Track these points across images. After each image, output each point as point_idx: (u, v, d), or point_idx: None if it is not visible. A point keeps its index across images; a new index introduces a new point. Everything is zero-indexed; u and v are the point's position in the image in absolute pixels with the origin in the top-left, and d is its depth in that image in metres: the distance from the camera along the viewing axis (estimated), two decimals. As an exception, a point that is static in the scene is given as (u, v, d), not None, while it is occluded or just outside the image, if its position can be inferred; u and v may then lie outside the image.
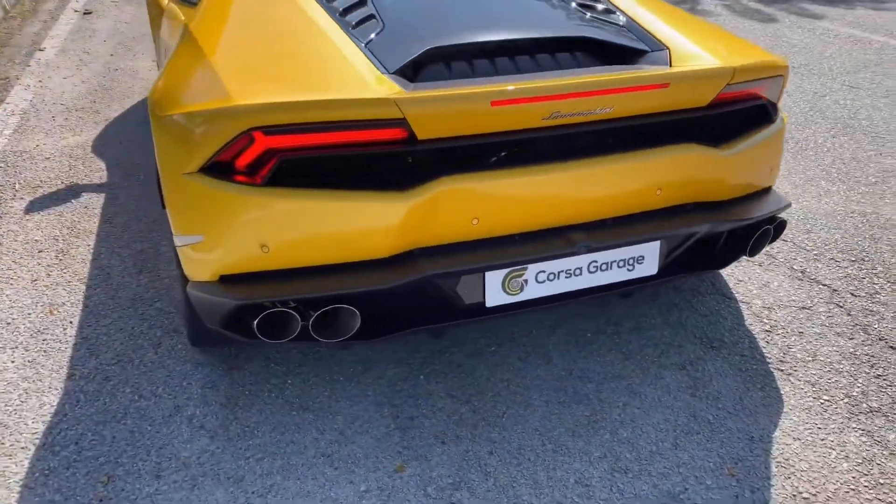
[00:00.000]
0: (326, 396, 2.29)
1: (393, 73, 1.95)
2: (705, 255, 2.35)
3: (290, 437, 2.14)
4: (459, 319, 2.06)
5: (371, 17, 2.23)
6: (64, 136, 4.47)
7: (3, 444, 2.12)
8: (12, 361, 2.45)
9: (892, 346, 2.53)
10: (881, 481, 2.00)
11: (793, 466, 2.04)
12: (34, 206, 3.55)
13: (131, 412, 2.24)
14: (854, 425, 2.19)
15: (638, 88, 1.97)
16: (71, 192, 3.70)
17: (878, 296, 2.81)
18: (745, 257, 2.51)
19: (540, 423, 2.19)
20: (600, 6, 2.48)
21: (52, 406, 2.26)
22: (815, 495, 1.95)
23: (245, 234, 1.86)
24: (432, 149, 1.88)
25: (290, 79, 1.91)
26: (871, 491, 1.97)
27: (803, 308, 2.73)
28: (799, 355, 2.48)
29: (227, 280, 1.94)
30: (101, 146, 4.31)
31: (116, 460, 2.06)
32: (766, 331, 2.61)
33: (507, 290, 2.04)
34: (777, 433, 2.16)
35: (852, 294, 2.82)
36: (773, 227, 2.33)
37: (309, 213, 1.84)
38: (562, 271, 2.08)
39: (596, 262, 2.10)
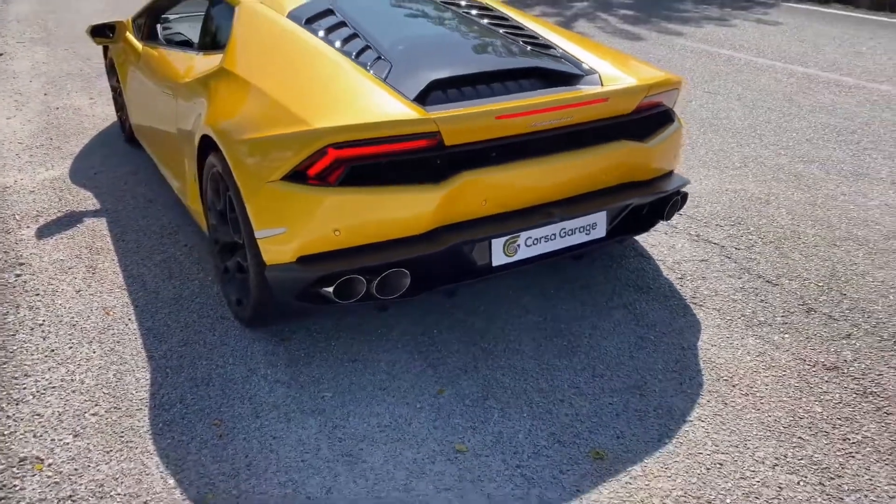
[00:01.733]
0: (367, 351, 2.95)
1: (413, 100, 2.66)
2: (636, 221, 3.18)
3: (349, 380, 2.78)
4: (475, 277, 2.78)
5: (379, 57, 2.92)
6: (37, 171, 4.83)
7: (119, 408, 2.64)
8: (94, 352, 2.95)
9: (768, 281, 3.46)
10: (772, 365, 2.88)
11: (713, 362, 2.89)
12: (44, 233, 3.96)
13: (215, 377, 2.80)
14: (750, 333, 3.08)
15: (589, 103, 2.78)
16: (73, 219, 4.12)
17: (754, 248, 3.76)
18: (662, 222, 3.36)
19: (533, 353, 2.94)
20: (541, 41, 3.28)
21: (147, 380, 2.79)
22: (731, 377, 2.80)
23: (323, 222, 2.51)
24: (455, 152, 2.59)
25: (348, 106, 2.58)
26: (767, 371, 2.84)
27: (702, 261, 3.64)
28: (706, 292, 3.37)
29: (304, 260, 2.58)
30: (78, 178, 4.71)
31: (219, 409, 2.63)
32: (679, 278, 3.48)
33: (507, 253, 2.78)
34: (700, 343, 3.01)
35: (735, 248, 3.76)
36: (680, 198, 3.20)
37: (371, 203, 2.51)
38: (542, 237, 2.83)
39: (565, 228, 2.87)
